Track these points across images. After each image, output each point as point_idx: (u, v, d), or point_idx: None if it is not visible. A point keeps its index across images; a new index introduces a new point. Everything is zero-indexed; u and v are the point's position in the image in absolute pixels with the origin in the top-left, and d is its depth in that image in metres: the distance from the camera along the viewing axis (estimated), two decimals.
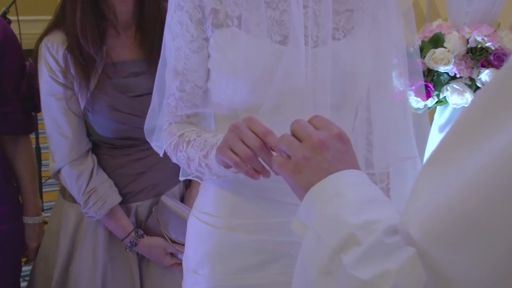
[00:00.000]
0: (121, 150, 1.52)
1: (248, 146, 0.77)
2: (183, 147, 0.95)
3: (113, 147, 1.51)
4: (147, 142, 1.40)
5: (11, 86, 1.52)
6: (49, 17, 1.46)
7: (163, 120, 1.01)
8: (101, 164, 1.51)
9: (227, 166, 0.85)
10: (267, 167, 0.78)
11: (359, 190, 0.62)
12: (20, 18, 2.73)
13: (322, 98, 0.90)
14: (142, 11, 1.42)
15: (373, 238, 0.53)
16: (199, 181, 1.10)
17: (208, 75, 0.98)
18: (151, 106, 1.07)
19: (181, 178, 1.12)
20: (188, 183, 1.62)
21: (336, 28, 0.92)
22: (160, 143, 1.04)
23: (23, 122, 1.58)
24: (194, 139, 0.94)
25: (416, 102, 1.53)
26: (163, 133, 1.01)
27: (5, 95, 1.50)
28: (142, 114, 1.36)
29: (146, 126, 1.08)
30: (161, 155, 1.04)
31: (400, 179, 1.04)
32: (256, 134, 0.77)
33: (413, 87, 1.26)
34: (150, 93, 1.37)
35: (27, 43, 1.81)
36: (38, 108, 1.56)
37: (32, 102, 1.57)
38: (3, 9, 2.55)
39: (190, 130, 0.98)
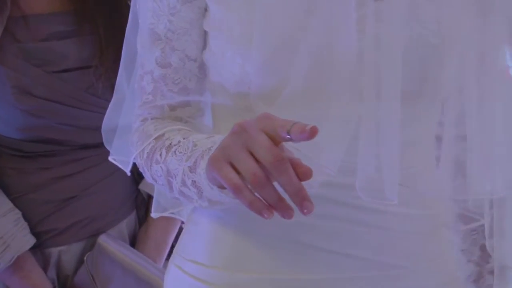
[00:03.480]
0: (36, 161, 1.25)
1: (259, 162, 0.65)
2: (161, 155, 0.82)
3: (22, 155, 1.24)
4: (81, 148, 1.25)
5: None
6: None
7: (134, 115, 0.90)
8: (2, 184, 1.25)
9: (224, 187, 0.73)
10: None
11: None
12: None
13: (387, 83, 0.75)
14: None
15: None
16: (179, 218, 1.04)
17: (205, 42, 0.86)
18: (114, 93, 0.95)
19: (154, 215, 0.97)
20: (144, 216, 1.36)
21: None
22: (123, 155, 0.93)
23: None
24: (179, 142, 0.80)
25: None
26: (132, 136, 0.88)
27: None
28: (70, 101, 1.18)
29: (106, 125, 0.96)
30: (127, 172, 0.92)
31: (504, 216, 0.87)
32: (275, 142, 0.65)
33: None
34: (85, 67, 1.19)
35: None
36: None
37: None
38: None
39: (174, 128, 0.85)
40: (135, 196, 1.31)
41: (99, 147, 1.15)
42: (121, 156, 0.93)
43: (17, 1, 1.16)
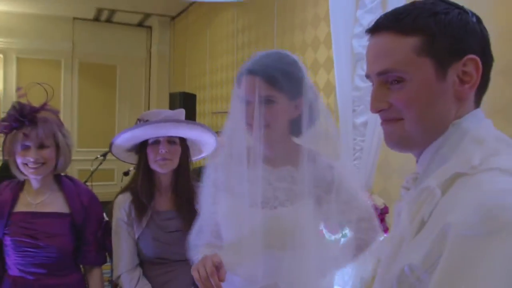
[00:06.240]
0: (156, 266, 2.14)
1: (206, 270, 1.15)
2: None
3: (151, 263, 2.14)
4: (174, 261, 2.11)
5: (91, 232, 2.20)
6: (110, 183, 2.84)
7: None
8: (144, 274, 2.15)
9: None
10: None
11: None
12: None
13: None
14: (177, 182, 2.22)
15: None
16: None
17: None
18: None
19: None
20: None
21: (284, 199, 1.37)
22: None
23: (97, 257, 2.24)
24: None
25: None
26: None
27: (87, 238, 2.20)
28: (172, 243, 2.12)
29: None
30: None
31: None
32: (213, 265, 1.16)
33: None
34: (178, 231, 2.09)
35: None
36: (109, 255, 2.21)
37: (103, 247, 2.23)
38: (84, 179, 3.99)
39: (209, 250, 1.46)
40: None
41: None
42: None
43: (155, 205, 2.10)
